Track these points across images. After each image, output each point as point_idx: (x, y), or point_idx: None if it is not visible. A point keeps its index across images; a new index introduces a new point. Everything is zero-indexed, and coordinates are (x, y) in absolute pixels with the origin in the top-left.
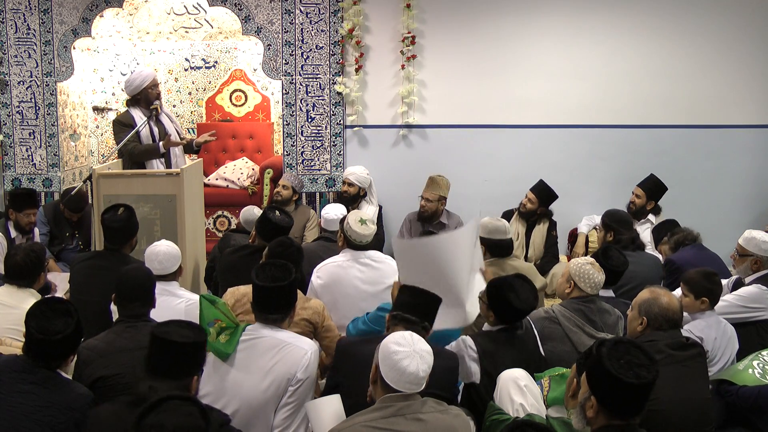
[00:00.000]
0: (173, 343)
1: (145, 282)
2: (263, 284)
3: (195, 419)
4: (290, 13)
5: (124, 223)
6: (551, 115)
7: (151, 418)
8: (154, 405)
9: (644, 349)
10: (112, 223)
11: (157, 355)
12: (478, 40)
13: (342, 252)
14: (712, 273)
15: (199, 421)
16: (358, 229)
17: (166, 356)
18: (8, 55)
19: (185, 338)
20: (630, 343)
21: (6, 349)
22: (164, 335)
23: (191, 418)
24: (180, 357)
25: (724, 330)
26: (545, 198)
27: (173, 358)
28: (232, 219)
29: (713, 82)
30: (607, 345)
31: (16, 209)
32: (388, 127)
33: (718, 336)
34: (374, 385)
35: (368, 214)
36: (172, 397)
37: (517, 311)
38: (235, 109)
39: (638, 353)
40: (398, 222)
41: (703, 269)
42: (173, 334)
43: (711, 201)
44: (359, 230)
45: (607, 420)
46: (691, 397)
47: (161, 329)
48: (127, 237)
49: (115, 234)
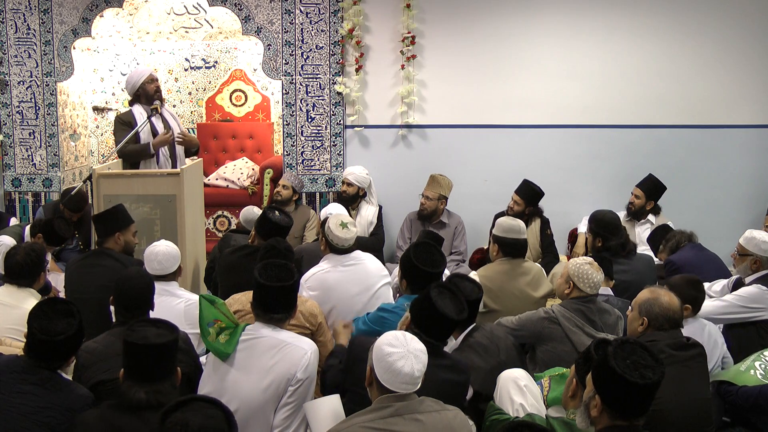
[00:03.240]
0: (151, 346)
1: (143, 291)
2: (269, 284)
3: (219, 422)
4: (290, 13)
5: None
6: (551, 115)
7: (177, 416)
8: (180, 403)
9: (650, 350)
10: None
11: (136, 361)
12: (478, 40)
13: (325, 258)
14: (696, 280)
15: (222, 425)
16: (339, 233)
17: (147, 360)
18: (8, 55)
19: (161, 338)
20: (636, 344)
21: (6, 349)
22: (142, 341)
23: (215, 421)
24: (163, 357)
25: (708, 335)
26: (531, 197)
27: (155, 360)
28: (232, 219)
29: (713, 82)
30: (613, 344)
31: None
32: (388, 127)
33: (703, 341)
34: (370, 387)
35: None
36: (197, 399)
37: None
38: (235, 109)
39: (644, 354)
40: (398, 222)
41: (687, 276)
42: (150, 338)
43: (711, 201)
44: (341, 234)
45: (610, 420)
46: (692, 397)
47: (135, 335)
48: (108, 230)
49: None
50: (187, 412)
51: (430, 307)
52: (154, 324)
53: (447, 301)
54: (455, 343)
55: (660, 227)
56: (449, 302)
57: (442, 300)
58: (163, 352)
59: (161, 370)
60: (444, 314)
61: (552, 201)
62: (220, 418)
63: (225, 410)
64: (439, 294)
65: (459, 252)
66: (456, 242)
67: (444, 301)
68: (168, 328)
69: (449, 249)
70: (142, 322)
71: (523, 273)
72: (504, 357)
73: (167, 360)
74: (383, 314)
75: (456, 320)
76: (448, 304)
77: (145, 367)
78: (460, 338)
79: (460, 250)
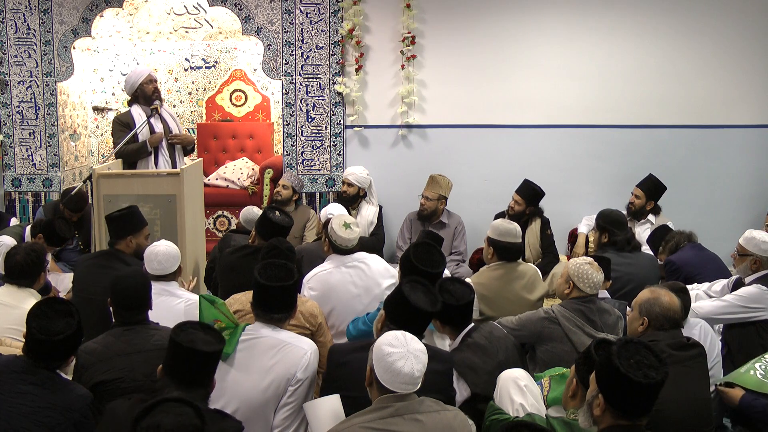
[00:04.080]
0: (199, 353)
1: (139, 290)
2: (269, 284)
3: (191, 419)
4: (290, 13)
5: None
6: (551, 115)
7: (148, 420)
8: (149, 408)
9: (654, 350)
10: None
11: (178, 362)
12: (478, 40)
13: (328, 259)
14: (681, 287)
15: (195, 420)
16: (342, 233)
17: (193, 365)
18: (8, 55)
19: (210, 346)
20: (640, 344)
21: (6, 349)
22: (190, 344)
23: (187, 418)
24: (207, 365)
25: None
26: (531, 197)
27: (201, 366)
28: (232, 219)
29: (713, 82)
30: (617, 344)
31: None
32: (388, 127)
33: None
34: (370, 387)
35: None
36: (167, 400)
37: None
38: (235, 109)
39: (648, 354)
40: (398, 222)
41: (671, 283)
42: (198, 343)
43: (711, 201)
44: (344, 234)
45: (613, 420)
46: (692, 397)
47: (184, 337)
48: (120, 233)
49: (108, 226)
50: (157, 414)
51: (404, 302)
52: (204, 329)
53: (420, 295)
54: (454, 344)
55: (660, 227)
56: (422, 295)
57: (414, 294)
58: (207, 361)
59: (200, 377)
60: (418, 307)
61: (552, 201)
62: (191, 414)
63: (194, 406)
64: (412, 288)
65: (459, 252)
66: (456, 242)
67: (417, 295)
68: (216, 337)
69: (449, 249)
70: (192, 323)
71: (518, 277)
72: (503, 357)
73: (209, 368)
74: None
75: (431, 312)
76: (421, 297)
77: (186, 371)
78: (458, 339)
79: (460, 250)
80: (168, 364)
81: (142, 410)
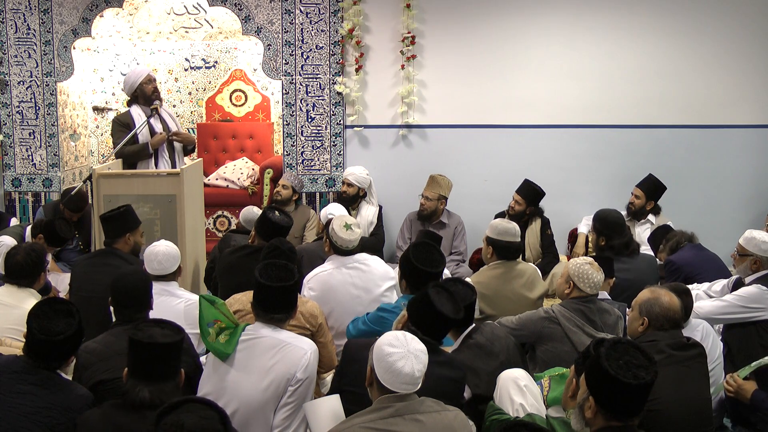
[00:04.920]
0: (159, 345)
1: (138, 288)
2: (269, 284)
3: (214, 423)
4: (290, 13)
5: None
6: (551, 115)
7: (172, 417)
8: (174, 405)
9: (643, 350)
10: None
11: (141, 360)
12: (478, 40)
13: (329, 259)
14: (684, 288)
15: (217, 426)
16: (343, 234)
17: (152, 359)
18: (8, 55)
19: (169, 338)
20: (629, 344)
21: (6, 349)
22: (150, 339)
23: (210, 422)
24: (169, 357)
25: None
26: (532, 197)
27: (164, 359)
28: (232, 219)
29: (713, 82)
30: (605, 345)
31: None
32: (388, 127)
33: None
34: (370, 387)
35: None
36: (192, 400)
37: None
38: (235, 109)
39: (637, 354)
40: (398, 222)
41: (674, 284)
42: (157, 337)
43: (710, 201)
44: (345, 236)
45: (605, 421)
46: (692, 397)
47: (142, 335)
48: (118, 231)
49: (105, 226)
50: (181, 413)
51: (429, 306)
52: (160, 324)
53: (445, 301)
54: (454, 345)
55: (660, 227)
56: (447, 302)
57: (440, 299)
58: (169, 352)
59: (166, 370)
60: (442, 313)
61: (552, 201)
62: (215, 419)
63: (220, 411)
64: (438, 294)
65: (459, 252)
66: (456, 242)
67: (442, 301)
68: (173, 329)
69: (449, 249)
70: (148, 321)
71: (518, 275)
72: (504, 357)
73: (172, 360)
74: (383, 314)
75: (454, 319)
76: (445, 304)
77: (150, 366)
78: (459, 340)
79: (460, 250)
80: (132, 363)
81: (166, 407)
